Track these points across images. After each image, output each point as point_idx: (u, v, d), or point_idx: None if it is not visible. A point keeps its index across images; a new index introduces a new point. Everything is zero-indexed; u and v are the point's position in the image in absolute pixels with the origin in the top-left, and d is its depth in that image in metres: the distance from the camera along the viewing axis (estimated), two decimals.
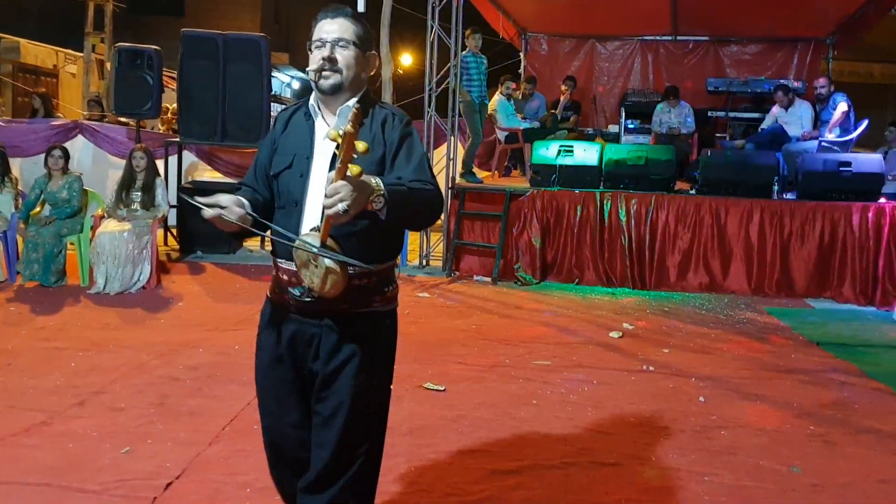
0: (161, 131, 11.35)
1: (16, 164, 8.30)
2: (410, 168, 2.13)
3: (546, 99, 11.14)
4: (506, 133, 10.02)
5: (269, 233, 2.18)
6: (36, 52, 15.85)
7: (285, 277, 2.18)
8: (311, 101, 2.25)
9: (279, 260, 2.20)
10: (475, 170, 9.24)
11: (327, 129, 2.12)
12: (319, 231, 1.99)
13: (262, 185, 2.30)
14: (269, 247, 8.02)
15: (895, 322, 6.70)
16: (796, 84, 10.34)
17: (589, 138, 10.72)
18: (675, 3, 10.37)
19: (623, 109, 11.20)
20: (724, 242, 7.60)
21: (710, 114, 10.81)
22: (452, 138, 8.69)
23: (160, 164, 7.99)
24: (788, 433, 3.95)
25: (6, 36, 15.63)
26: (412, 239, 8.98)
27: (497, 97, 9.86)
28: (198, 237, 8.47)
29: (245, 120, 8.55)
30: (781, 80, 10.15)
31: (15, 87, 14.27)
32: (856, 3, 9.78)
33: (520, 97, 10.62)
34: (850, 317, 6.82)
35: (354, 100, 2.19)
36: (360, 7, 8.50)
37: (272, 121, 2.32)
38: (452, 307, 6.77)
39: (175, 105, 9.94)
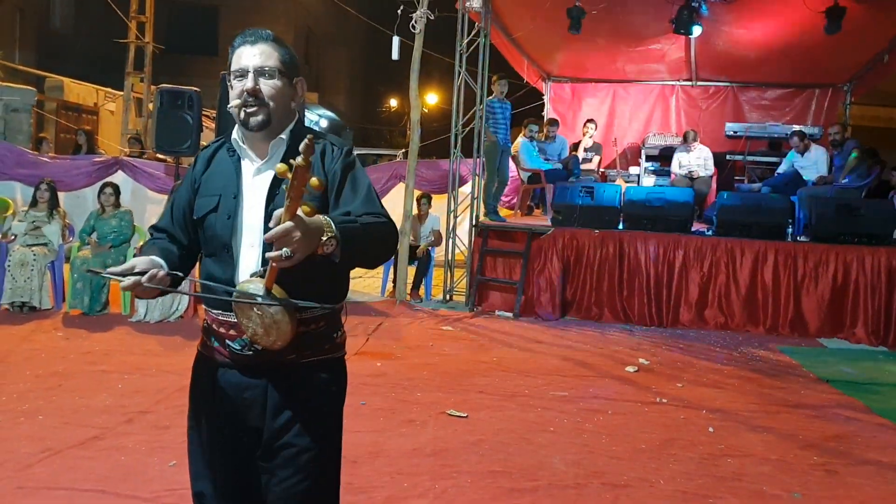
0: None
1: (61, 198, 8.73)
2: (358, 201, 1.94)
3: (568, 141, 11.49)
4: (528, 174, 10.36)
5: (192, 286, 1.98)
6: (78, 91, 16.52)
7: (222, 330, 1.99)
8: (235, 135, 2.03)
9: (213, 311, 2.01)
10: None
11: (254, 166, 2.00)
12: (261, 277, 1.82)
13: (179, 229, 2.10)
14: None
15: None
16: (813, 129, 10.60)
17: (610, 180, 11.06)
18: (694, 50, 10.73)
19: (643, 152, 11.53)
20: (739, 282, 7.82)
21: (728, 157, 11.09)
22: (477, 178, 9.04)
23: None
24: (792, 462, 4.16)
25: (51, 75, 16.34)
26: (436, 274, 9.28)
27: (521, 139, 10.21)
28: None
29: None
30: (798, 126, 10.41)
31: (58, 124, 14.90)
32: (872, 52, 10.07)
33: (543, 139, 10.97)
34: (861, 356, 6.99)
35: (285, 134, 2.00)
36: (395, 55, 8.92)
37: (194, 160, 2.13)
38: (475, 340, 7.04)
39: None
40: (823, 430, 4.76)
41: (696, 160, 10.46)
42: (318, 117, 29.44)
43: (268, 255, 1.70)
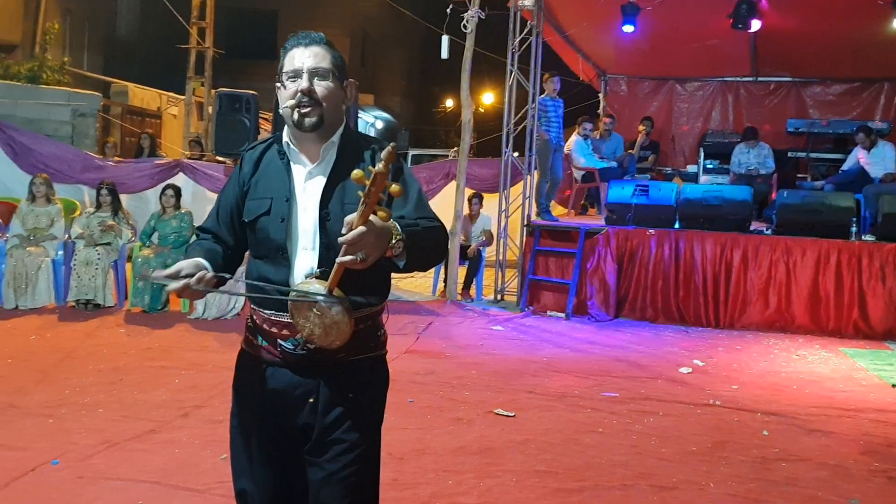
0: None
1: (124, 200, 9.01)
2: (411, 206, 1.96)
3: (624, 139, 11.35)
4: (582, 172, 10.27)
5: (232, 276, 1.99)
6: (142, 96, 17.03)
7: (273, 329, 2.00)
8: (285, 138, 2.04)
9: (264, 311, 2.01)
10: (550, 208, 9.49)
11: (306, 169, 2.02)
12: (319, 278, 1.87)
13: (225, 230, 2.11)
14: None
15: None
16: (880, 125, 10.23)
17: (667, 178, 10.87)
18: (755, 45, 10.48)
19: (702, 149, 11.29)
20: (800, 283, 7.61)
21: (790, 154, 10.79)
22: (529, 177, 9.01)
23: None
24: (850, 468, 4.04)
25: (117, 80, 16.88)
26: (488, 274, 9.27)
27: (574, 137, 10.13)
28: None
29: None
30: (864, 122, 10.07)
31: (123, 128, 15.39)
32: None
33: (598, 136, 10.86)
34: None
35: (336, 136, 2.02)
36: (444, 54, 8.95)
37: (239, 160, 2.12)
38: (525, 340, 7.01)
39: None
40: (887, 434, 4.60)
41: (756, 158, 10.21)
42: (373, 119, 29.72)
43: (340, 259, 1.73)
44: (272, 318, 1.99)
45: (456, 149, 10.48)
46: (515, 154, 9.21)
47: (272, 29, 24.56)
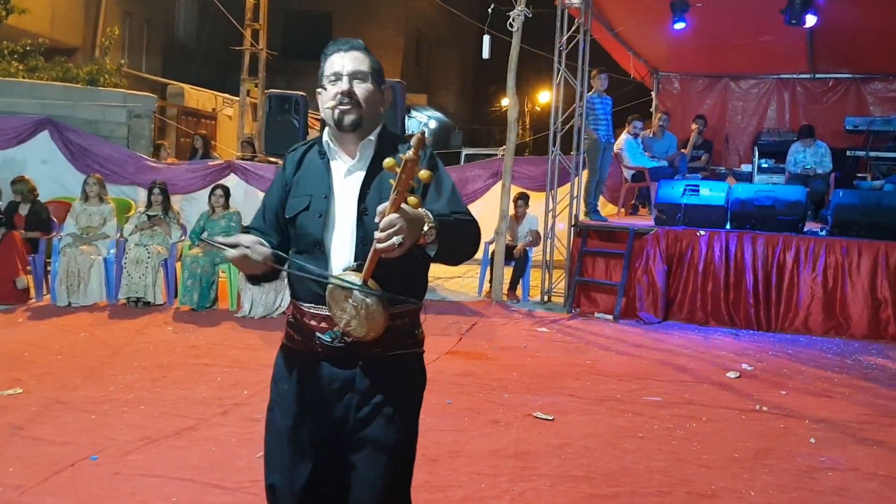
0: None
1: (176, 201, 9.21)
2: (443, 201, 2.02)
3: (677, 138, 11.13)
4: (632, 172, 10.10)
5: (306, 268, 2.02)
6: (197, 97, 17.40)
7: (312, 322, 2.05)
8: (325, 137, 2.13)
9: (304, 304, 2.07)
10: (600, 207, 9.36)
11: (345, 167, 2.09)
12: (355, 270, 1.92)
13: (270, 229, 2.18)
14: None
15: None
16: None
17: (720, 177, 10.61)
18: (812, 41, 10.18)
19: (756, 148, 11.01)
20: (855, 286, 7.35)
21: (849, 153, 10.43)
22: (577, 178, 8.89)
23: None
24: None
25: (173, 82, 17.28)
26: (534, 275, 9.19)
27: (624, 136, 9.97)
28: None
29: None
30: None
31: (178, 129, 15.74)
32: None
33: (651, 134, 10.68)
34: None
35: (373, 135, 2.09)
36: (486, 53, 8.90)
37: (283, 161, 2.23)
38: (570, 342, 6.92)
39: None
40: None
41: (813, 157, 9.90)
42: (427, 118, 29.82)
43: (377, 244, 1.77)
44: (311, 311, 2.04)
45: (503, 147, 10.41)
46: (573, 153, 9.09)
47: (327, 30, 24.83)
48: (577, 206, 8.81)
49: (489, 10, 8.13)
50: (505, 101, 31.75)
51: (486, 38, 8.52)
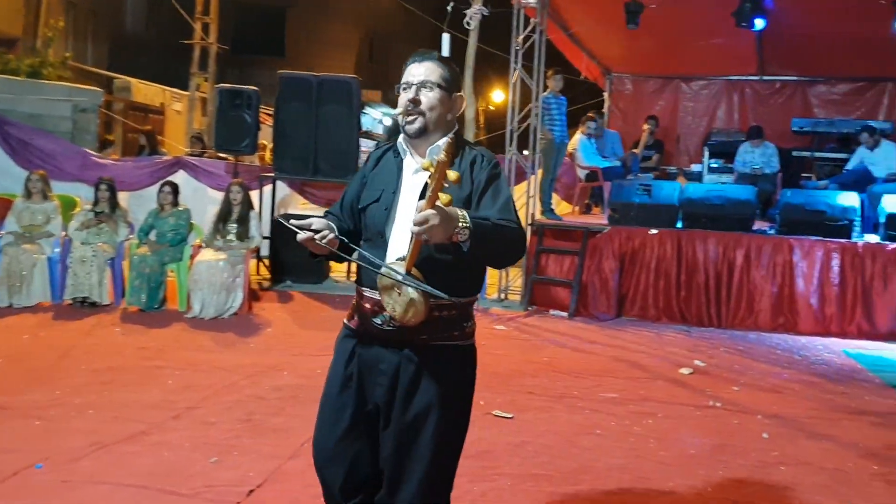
0: (258, 165, 12.00)
1: (123, 198, 8.97)
2: (496, 208, 2.17)
3: (618, 134, 11.27)
4: (586, 171, 10.19)
5: (354, 256, 2.25)
6: (145, 91, 17.02)
7: (368, 305, 2.24)
8: (400, 140, 2.33)
9: (363, 288, 2.27)
10: (555, 205, 9.42)
11: (415, 166, 2.27)
12: (405, 260, 2.07)
13: (346, 216, 2.40)
14: (355, 277, 8.41)
15: None
16: (884, 125, 10.16)
17: (671, 177, 10.78)
18: (761, 44, 10.39)
19: (706, 149, 11.21)
20: (803, 283, 7.53)
21: (794, 154, 10.70)
22: (533, 176, 8.93)
23: (255, 195, 8.50)
24: (850, 472, 3.97)
25: (119, 76, 16.87)
26: (491, 273, 9.20)
27: (578, 136, 10.05)
28: (288, 267, 8.95)
29: (336, 157, 9.03)
30: (869, 122, 9.99)
31: (125, 125, 15.37)
32: None
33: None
34: None
35: (446, 139, 2.25)
36: (445, 51, 8.87)
37: (366, 157, 2.45)
38: (527, 340, 6.95)
39: (272, 142, 10.56)
40: (887, 438, 4.53)
41: (762, 157, 10.12)
42: (381, 115, 29.66)
43: (412, 230, 1.94)
44: (368, 295, 2.25)
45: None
46: (525, 153, 9.13)
47: (280, 25, 24.54)
48: (534, 205, 8.85)
49: (448, 7, 8.10)
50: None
51: (446, 37, 8.50)
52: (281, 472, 3.71)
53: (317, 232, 2.17)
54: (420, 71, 2.27)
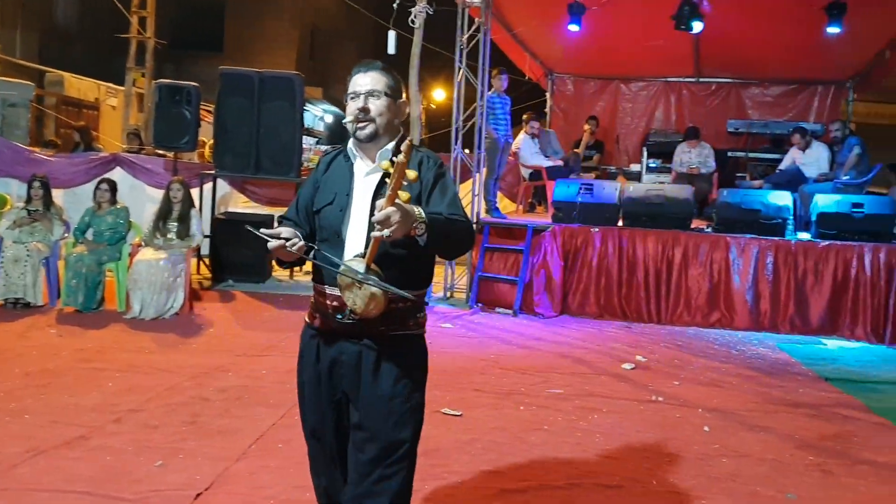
0: (197, 162, 11.77)
1: (58, 196, 8.71)
2: (444, 204, 2.35)
3: (556, 133, 11.42)
4: (530, 171, 10.29)
5: (311, 257, 2.38)
6: (78, 86, 16.51)
7: (328, 302, 2.39)
8: (350, 145, 2.48)
9: (324, 286, 2.40)
10: (498, 203, 9.49)
11: (366, 169, 2.42)
12: (363, 257, 2.24)
13: (303, 219, 2.53)
14: (297, 277, 8.31)
15: None
16: (814, 126, 10.54)
17: (611, 177, 10.98)
18: (698, 46, 10.65)
19: (645, 149, 11.45)
20: (738, 280, 7.76)
21: (729, 154, 11.01)
22: (478, 175, 8.98)
23: (195, 193, 8.34)
24: (788, 463, 4.11)
25: (51, 70, 16.32)
26: (437, 271, 9.18)
27: (522, 135, 10.15)
28: (229, 266, 8.81)
29: (278, 154, 8.93)
30: (800, 123, 10.34)
31: (58, 120, 14.89)
32: (875, 49, 9.98)
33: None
34: (860, 354, 6.93)
35: (392, 143, 2.40)
36: (391, 48, 8.86)
37: (316, 162, 2.59)
38: (473, 337, 6.99)
39: (212, 140, 10.37)
40: (821, 429, 4.70)
41: (698, 157, 10.38)
42: (322, 112, 29.39)
43: (373, 234, 2.13)
44: (328, 292, 2.39)
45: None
46: (466, 151, 9.18)
47: (219, 20, 24.07)
48: (479, 204, 8.90)
49: (394, 4, 8.07)
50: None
51: (392, 34, 8.48)
52: (229, 474, 3.66)
53: (287, 240, 2.29)
54: (366, 81, 2.42)
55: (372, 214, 2.26)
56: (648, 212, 8.20)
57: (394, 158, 2.08)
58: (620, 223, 8.32)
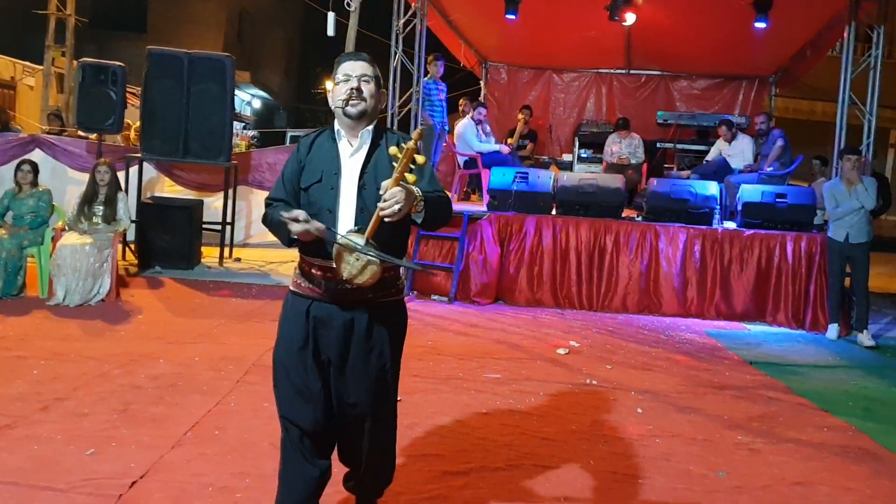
0: (122, 145, 11.39)
1: None
2: (425, 181, 2.59)
3: (490, 121, 11.47)
4: (465, 159, 10.32)
5: (328, 236, 2.56)
6: None
7: (318, 272, 2.62)
8: (336, 126, 2.70)
9: (312, 258, 2.63)
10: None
11: (350, 150, 2.66)
12: (360, 231, 2.47)
13: (291, 198, 2.71)
14: (227, 264, 8.16)
15: (825, 345, 7.12)
16: (740, 119, 10.88)
17: (544, 166, 11.10)
18: (629, 39, 10.85)
19: (577, 139, 11.63)
20: (667, 267, 7.96)
21: (658, 145, 11.27)
22: None
23: (120, 177, 8.08)
24: (718, 442, 4.26)
25: None
26: None
27: (466, 121, 10.12)
28: (156, 252, 8.59)
29: (207, 138, 8.74)
30: (726, 116, 10.66)
31: None
32: (796, 46, 10.36)
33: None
34: (782, 339, 7.22)
35: (371, 127, 2.66)
36: (330, 31, 8.76)
37: (296, 145, 2.80)
38: (410, 325, 6.87)
39: (138, 122, 10.05)
40: (748, 410, 4.88)
41: (628, 148, 10.60)
42: (250, 97, 28.80)
43: (380, 211, 2.36)
44: (318, 263, 2.62)
45: None
46: None
47: (143, 1, 23.30)
48: None
49: None
50: (330, 85, 31.50)
51: (331, 15, 8.38)
52: (164, 462, 3.57)
53: (307, 222, 2.48)
54: (358, 67, 2.65)
55: (359, 192, 2.58)
56: (581, 200, 8.34)
57: (402, 144, 2.36)
58: (554, 212, 8.43)
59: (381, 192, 2.39)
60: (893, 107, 13.75)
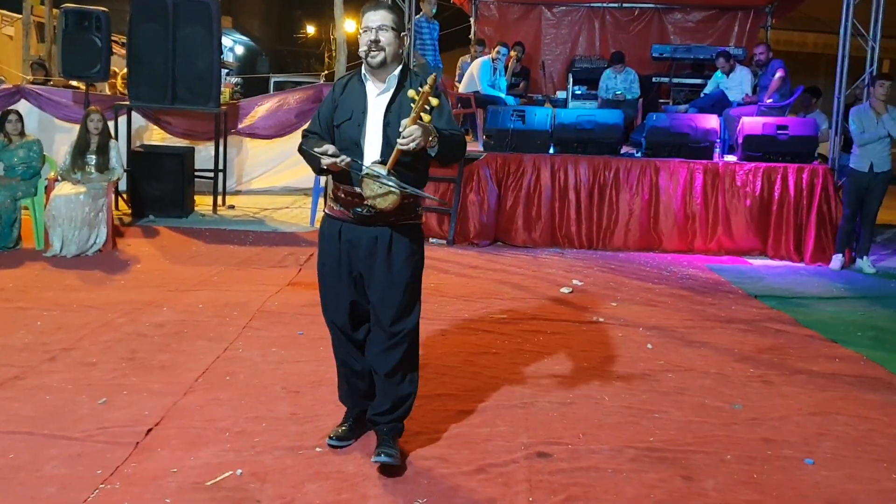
0: (108, 94, 11.14)
1: None
2: (444, 120, 2.92)
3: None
4: (460, 98, 10.13)
5: (354, 169, 2.91)
6: None
7: (349, 198, 2.96)
8: (363, 70, 3.01)
9: (342, 185, 2.98)
10: None
11: (376, 91, 2.98)
12: (382, 163, 2.83)
13: (325, 132, 3.05)
14: (221, 212, 8.12)
15: (828, 276, 7.12)
16: (737, 50, 10.68)
17: (538, 104, 10.92)
18: None
19: (570, 76, 11.39)
20: (667, 203, 7.91)
21: (654, 80, 11.09)
22: None
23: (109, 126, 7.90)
24: (730, 375, 4.26)
25: None
26: None
27: (483, 60, 9.89)
28: (149, 201, 8.47)
29: (195, 83, 8.54)
30: (723, 47, 10.48)
31: None
32: None
33: (469, 60, 10.73)
34: (785, 272, 7.23)
35: (399, 69, 2.97)
36: None
37: (332, 86, 3.18)
38: None
39: (124, 70, 9.80)
40: (757, 343, 4.89)
41: (623, 83, 10.42)
42: (232, 43, 28.18)
43: (399, 145, 2.74)
44: (348, 189, 2.97)
45: (326, 73, 10.06)
46: None
47: None
48: None
49: None
50: (311, 29, 30.72)
51: None
52: (178, 408, 3.55)
53: (336, 156, 2.83)
54: (377, 17, 2.91)
55: (384, 129, 2.91)
56: (579, 138, 8.23)
57: (419, 88, 2.71)
58: (552, 150, 8.33)
59: (400, 130, 2.74)
60: (890, 36, 13.57)
